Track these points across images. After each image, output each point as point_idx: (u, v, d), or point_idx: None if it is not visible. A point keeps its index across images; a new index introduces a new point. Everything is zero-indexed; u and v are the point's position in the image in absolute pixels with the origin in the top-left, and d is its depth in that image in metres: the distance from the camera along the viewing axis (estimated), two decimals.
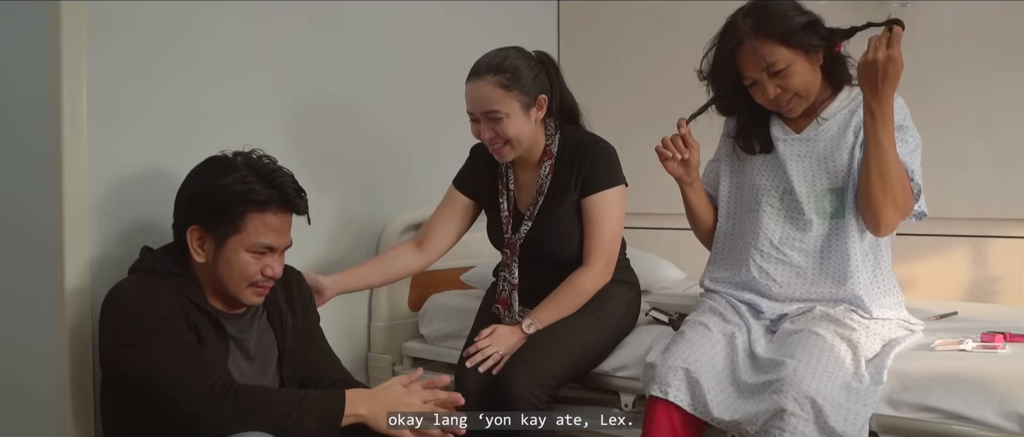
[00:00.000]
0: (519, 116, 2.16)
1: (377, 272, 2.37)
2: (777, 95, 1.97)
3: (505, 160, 2.25)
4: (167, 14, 2.18)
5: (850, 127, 2.02)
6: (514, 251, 2.28)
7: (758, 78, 1.97)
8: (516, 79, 2.14)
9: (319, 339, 2.04)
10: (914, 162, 1.97)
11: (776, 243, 2.06)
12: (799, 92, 1.98)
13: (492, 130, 2.16)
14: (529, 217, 2.26)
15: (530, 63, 2.19)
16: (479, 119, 2.18)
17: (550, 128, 2.27)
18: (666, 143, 2.06)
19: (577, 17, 3.52)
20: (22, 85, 2.03)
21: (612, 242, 2.23)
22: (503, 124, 2.15)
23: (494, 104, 2.13)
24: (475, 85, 2.16)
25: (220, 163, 1.82)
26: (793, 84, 1.96)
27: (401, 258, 2.37)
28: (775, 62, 1.94)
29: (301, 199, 1.84)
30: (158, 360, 1.67)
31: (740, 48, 1.97)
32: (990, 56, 2.76)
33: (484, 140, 2.21)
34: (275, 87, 2.46)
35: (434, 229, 2.38)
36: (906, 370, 1.87)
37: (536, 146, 2.25)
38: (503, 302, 2.29)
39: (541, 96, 2.19)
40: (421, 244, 2.37)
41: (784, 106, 2.00)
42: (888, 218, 1.94)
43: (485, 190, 2.36)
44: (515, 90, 2.14)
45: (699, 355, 1.92)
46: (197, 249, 1.80)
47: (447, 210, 2.39)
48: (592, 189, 2.21)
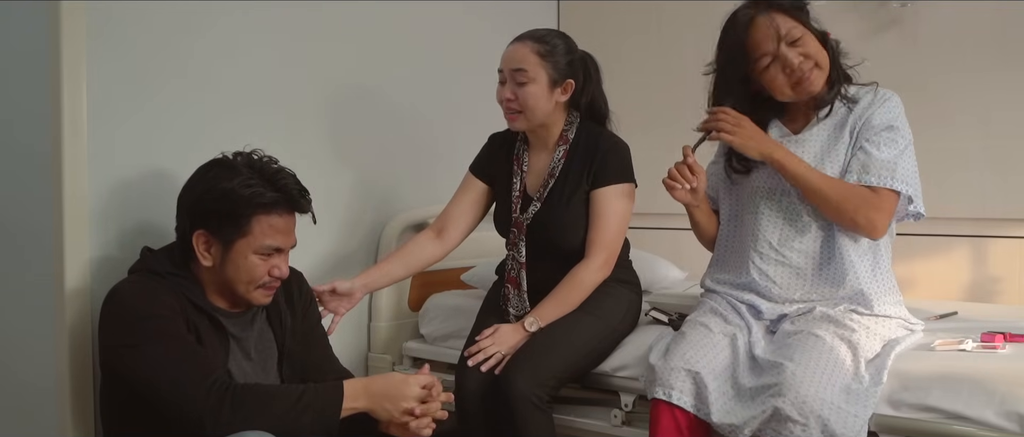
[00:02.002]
0: (543, 87, 2.21)
1: (400, 266, 2.37)
2: (800, 62, 1.96)
3: (516, 128, 2.29)
4: (167, 14, 2.18)
5: (846, 127, 2.02)
6: (521, 230, 2.28)
7: (776, 51, 1.96)
8: (552, 53, 2.22)
9: (320, 340, 2.05)
10: (900, 165, 1.96)
11: (775, 244, 2.06)
12: (818, 61, 1.98)
13: (513, 92, 2.22)
14: (539, 198, 2.27)
15: (570, 49, 2.26)
16: (506, 80, 2.23)
17: (571, 116, 2.29)
18: (673, 175, 2.04)
19: (577, 17, 3.52)
20: (22, 85, 2.03)
21: (615, 237, 2.24)
22: (526, 88, 2.20)
23: (524, 64, 2.20)
24: (514, 46, 2.24)
25: (222, 166, 1.82)
26: (811, 51, 1.97)
27: (422, 249, 2.37)
28: (791, 30, 1.97)
29: (305, 199, 1.84)
30: (157, 360, 1.67)
31: (753, 25, 1.98)
32: (990, 56, 2.76)
33: (502, 101, 2.25)
34: (276, 85, 2.46)
35: (452, 216, 2.39)
36: (906, 370, 1.87)
37: (552, 126, 2.28)
38: (512, 281, 2.29)
39: (569, 80, 2.24)
40: (440, 233, 2.38)
41: (806, 77, 1.97)
42: (862, 223, 1.96)
43: (501, 174, 2.37)
44: (548, 61, 2.21)
45: (700, 356, 1.92)
46: (204, 253, 1.80)
47: (464, 196, 2.40)
48: (602, 182, 2.23)
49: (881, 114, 2.00)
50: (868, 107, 2.02)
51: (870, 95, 2.04)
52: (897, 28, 2.85)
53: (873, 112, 2.00)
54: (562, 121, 2.29)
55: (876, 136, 1.98)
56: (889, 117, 1.99)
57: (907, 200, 2.00)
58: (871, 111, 2.01)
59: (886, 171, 1.95)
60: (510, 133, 2.38)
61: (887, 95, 2.04)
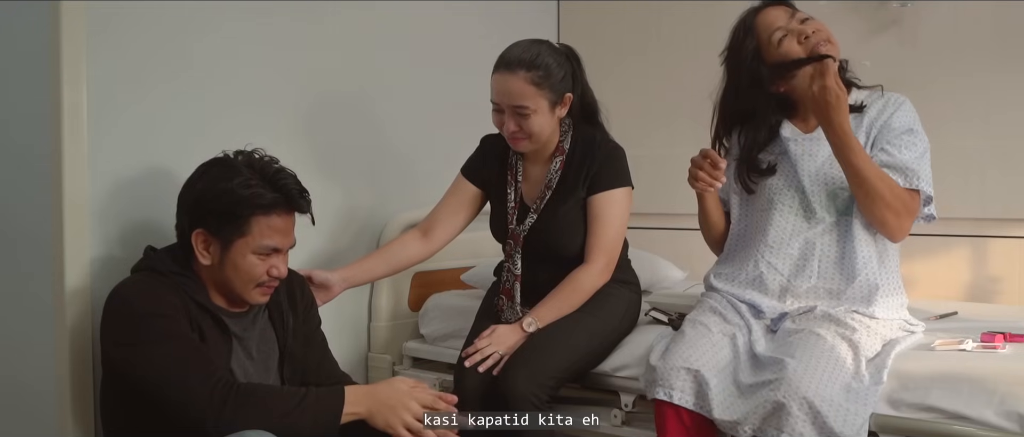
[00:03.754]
0: (546, 113, 2.18)
1: (382, 263, 2.37)
2: (816, 30, 2.02)
3: (521, 150, 2.27)
4: (167, 13, 2.18)
5: (860, 129, 2.03)
6: (517, 242, 2.28)
7: (788, 25, 2.03)
8: (548, 77, 2.16)
9: (320, 342, 2.05)
10: (922, 167, 1.99)
11: (787, 239, 2.07)
12: (829, 37, 2.01)
13: (517, 124, 2.17)
14: (535, 210, 2.27)
15: (560, 61, 2.20)
16: (504, 110, 2.18)
17: (564, 125, 2.28)
18: (703, 178, 2.02)
19: (577, 17, 3.52)
20: (22, 85, 2.03)
21: (615, 241, 2.24)
22: (529, 120, 2.16)
23: (525, 100, 2.14)
24: (506, 78, 2.16)
25: (223, 166, 1.82)
26: (823, 28, 2.02)
27: (406, 248, 2.37)
28: (801, 12, 2.05)
29: (305, 200, 1.84)
30: (161, 359, 1.68)
31: (764, 10, 2.06)
32: (990, 57, 2.76)
33: (506, 132, 2.21)
34: (276, 85, 2.46)
35: (440, 218, 2.38)
36: (906, 370, 1.87)
37: (550, 141, 2.26)
38: (506, 293, 2.29)
39: (567, 95, 2.21)
40: (426, 233, 2.37)
41: (822, 44, 2.00)
42: (893, 226, 1.98)
43: (493, 181, 2.36)
44: (545, 88, 2.16)
45: (700, 354, 1.92)
46: (202, 252, 1.80)
47: (454, 199, 2.39)
48: (599, 188, 2.22)
49: (900, 117, 2.02)
50: (883, 110, 2.04)
51: (882, 99, 2.07)
52: (897, 28, 2.85)
53: (891, 115, 2.03)
54: (558, 132, 2.27)
55: (897, 139, 2.00)
56: (908, 120, 2.02)
57: (925, 201, 2.01)
58: (889, 114, 2.03)
59: (912, 172, 1.98)
60: (503, 138, 2.36)
61: (901, 99, 2.07)
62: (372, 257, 2.38)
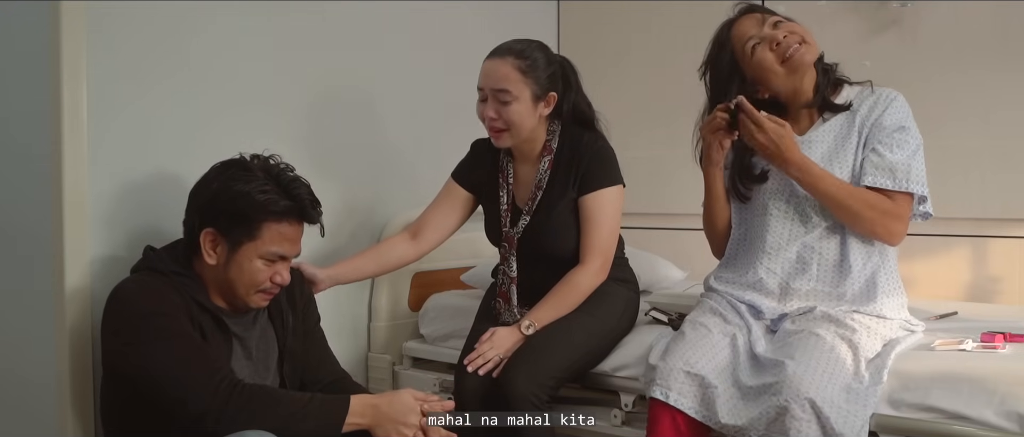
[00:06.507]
0: (527, 104, 2.19)
1: (371, 263, 2.37)
2: (785, 36, 2.00)
3: (501, 145, 2.27)
4: (166, 12, 2.18)
5: (854, 127, 2.03)
6: (512, 245, 2.28)
7: (760, 33, 2.01)
8: (533, 68, 2.18)
9: (319, 340, 2.05)
10: (913, 166, 1.97)
11: (784, 245, 2.06)
12: (804, 37, 2.01)
13: (496, 111, 2.18)
14: (527, 211, 2.27)
15: (549, 60, 2.23)
16: (487, 97, 2.20)
17: (552, 125, 2.28)
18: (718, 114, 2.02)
19: (577, 17, 3.52)
20: (22, 84, 2.03)
21: (609, 241, 2.24)
22: (510, 107, 2.17)
23: (507, 84, 2.16)
24: (494, 63, 2.19)
25: (239, 168, 1.82)
26: (796, 29, 2.01)
27: (395, 249, 2.37)
28: (773, 17, 2.03)
29: (317, 211, 1.85)
30: (162, 358, 1.68)
31: (738, 21, 2.05)
32: (990, 56, 2.76)
33: (486, 119, 2.22)
34: (276, 84, 2.46)
35: (430, 221, 2.38)
36: (906, 370, 1.87)
37: (535, 140, 2.26)
38: (503, 296, 2.29)
39: (552, 93, 2.22)
40: (416, 235, 2.38)
41: (795, 50, 1.99)
42: (883, 235, 1.99)
43: (484, 184, 2.36)
44: (530, 78, 2.18)
45: (700, 356, 1.92)
46: (209, 251, 1.80)
47: (444, 202, 2.39)
48: (590, 187, 2.22)
49: (891, 115, 2.01)
50: (875, 107, 2.02)
51: (873, 96, 2.05)
52: (897, 28, 2.85)
53: (883, 113, 2.01)
54: (545, 131, 2.27)
55: (888, 138, 1.99)
56: (899, 118, 2.00)
57: (919, 200, 2.01)
58: (880, 112, 2.01)
59: (901, 174, 1.96)
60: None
61: (893, 95, 2.04)
62: (361, 256, 2.38)
